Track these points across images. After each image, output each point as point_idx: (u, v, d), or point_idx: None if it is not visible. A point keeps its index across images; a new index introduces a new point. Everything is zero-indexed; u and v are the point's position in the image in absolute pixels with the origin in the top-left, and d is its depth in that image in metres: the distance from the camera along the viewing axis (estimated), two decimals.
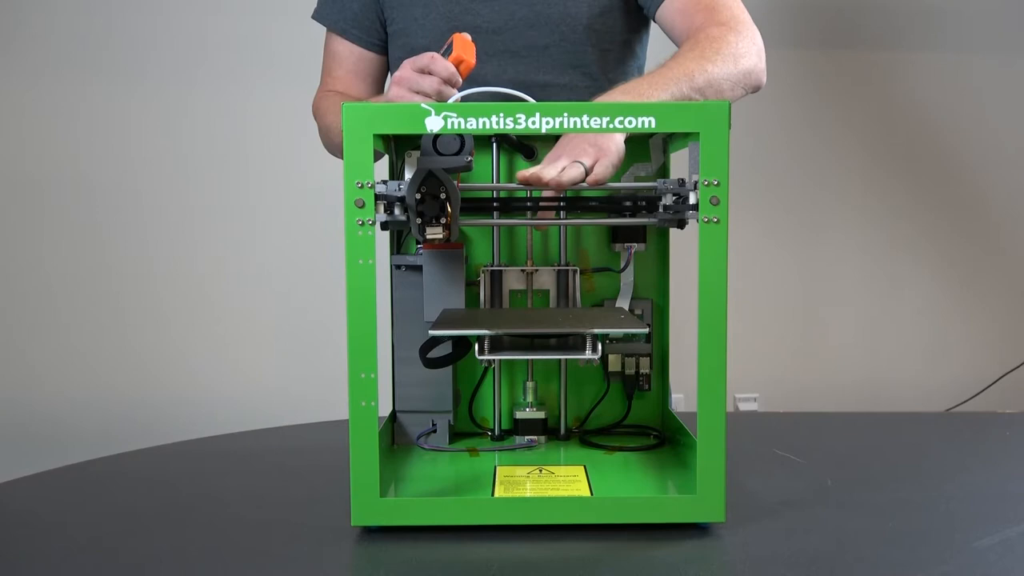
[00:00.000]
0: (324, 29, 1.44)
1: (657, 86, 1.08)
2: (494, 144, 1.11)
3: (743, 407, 2.44)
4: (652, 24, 1.38)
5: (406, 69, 1.08)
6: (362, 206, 0.80)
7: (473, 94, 1.09)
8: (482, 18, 1.30)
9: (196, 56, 2.38)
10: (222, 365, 2.42)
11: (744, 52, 1.19)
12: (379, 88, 1.46)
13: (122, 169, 2.39)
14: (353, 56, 1.41)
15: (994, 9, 2.47)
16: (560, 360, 1.12)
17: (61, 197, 2.38)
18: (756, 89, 1.21)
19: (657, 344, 1.14)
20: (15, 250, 2.39)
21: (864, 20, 2.47)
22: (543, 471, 0.97)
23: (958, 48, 2.48)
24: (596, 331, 0.91)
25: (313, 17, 1.43)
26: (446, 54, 1.08)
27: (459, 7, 1.31)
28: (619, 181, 1.11)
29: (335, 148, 1.38)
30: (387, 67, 1.45)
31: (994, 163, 2.51)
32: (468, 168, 0.97)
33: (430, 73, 1.06)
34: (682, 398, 1.34)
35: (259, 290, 2.42)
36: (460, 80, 1.07)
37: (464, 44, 1.09)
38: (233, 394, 2.38)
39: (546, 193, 1.04)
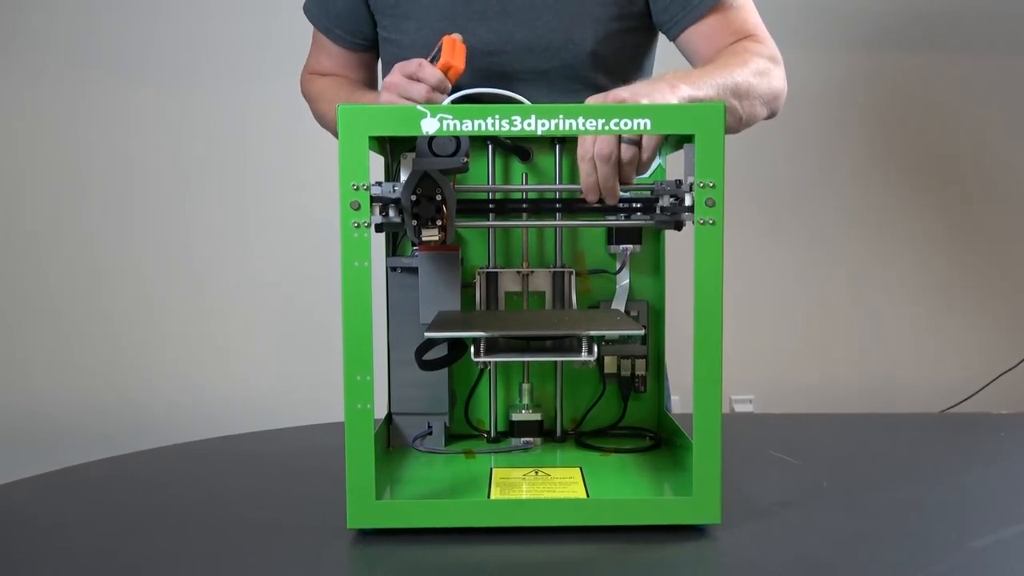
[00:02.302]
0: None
1: (704, 83, 1.08)
2: (489, 146, 1.11)
3: (739, 408, 2.45)
4: (660, 35, 1.35)
5: (396, 75, 1.08)
6: (358, 208, 0.80)
7: (468, 95, 1.09)
8: (478, 38, 1.24)
9: (195, 57, 2.38)
10: (219, 367, 2.42)
11: (776, 75, 1.22)
12: (369, 74, 1.44)
13: (120, 170, 2.39)
14: (337, 52, 1.40)
15: (994, 11, 2.47)
16: (556, 362, 1.12)
17: (59, 198, 2.38)
18: (775, 114, 1.23)
19: (653, 346, 1.14)
20: (12, 252, 2.39)
21: (862, 22, 2.47)
22: (539, 473, 0.97)
23: (957, 49, 2.48)
24: (592, 333, 0.91)
25: (303, 9, 1.42)
26: (435, 60, 1.08)
27: (454, 25, 1.25)
28: None
29: (334, 132, 1.38)
30: (376, 58, 1.43)
31: (991, 165, 2.52)
32: (464, 169, 0.97)
33: (419, 80, 1.06)
34: (678, 400, 1.34)
35: (256, 292, 2.42)
36: (449, 86, 1.07)
37: (453, 48, 1.09)
38: (230, 396, 2.38)
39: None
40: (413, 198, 0.91)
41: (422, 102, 1.05)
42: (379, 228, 0.95)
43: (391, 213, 0.92)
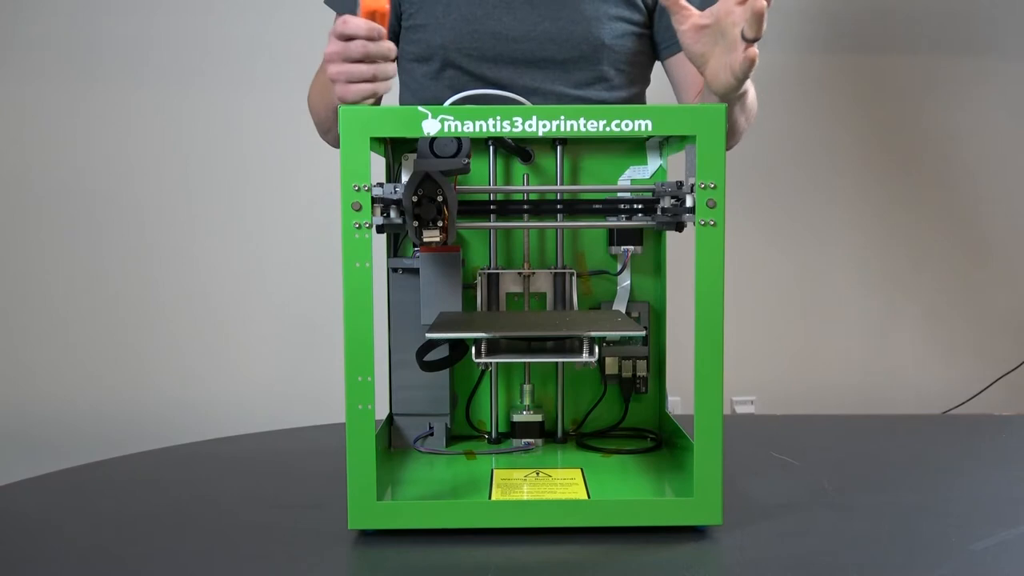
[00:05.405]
0: (329, 22, 1.43)
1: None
2: (490, 147, 1.11)
3: (740, 410, 2.44)
4: None
5: (330, 42, 1.06)
6: (359, 209, 0.80)
7: (468, 96, 1.09)
8: (504, 24, 1.32)
9: (196, 59, 2.38)
10: (220, 368, 2.42)
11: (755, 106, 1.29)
12: None
13: (121, 172, 2.39)
14: None
15: (994, 14, 2.48)
16: (557, 363, 1.12)
17: (60, 200, 2.38)
18: (739, 136, 1.32)
19: (654, 347, 1.14)
20: (13, 253, 2.39)
21: (863, 25, 2.47)
22: (540, 474, 0.97)
23: (956, 53, 2.48)
24: (593, 334, 0.91)
25: (325, 2, 1.42)
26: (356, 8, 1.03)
27: (481, 11, 1.32)
28: (616, 184, 1.12)
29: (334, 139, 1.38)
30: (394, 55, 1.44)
31: (991, 168, 2.52)
32: (465, 171, 0.97)
33: (349, 37, 1.04)
34: (679, 401, 1.34)
35: (257, 293, 2.42)
36: (381, 29, 1.05)
37: None
38: (231, 397, 2.38)
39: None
40: (414, 199, 0.91)
41: (360, 56, 1.04)
42: (380, 229, 0.95)
43: (392, 214, 0.92)
